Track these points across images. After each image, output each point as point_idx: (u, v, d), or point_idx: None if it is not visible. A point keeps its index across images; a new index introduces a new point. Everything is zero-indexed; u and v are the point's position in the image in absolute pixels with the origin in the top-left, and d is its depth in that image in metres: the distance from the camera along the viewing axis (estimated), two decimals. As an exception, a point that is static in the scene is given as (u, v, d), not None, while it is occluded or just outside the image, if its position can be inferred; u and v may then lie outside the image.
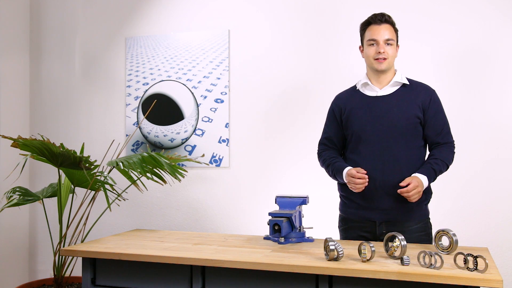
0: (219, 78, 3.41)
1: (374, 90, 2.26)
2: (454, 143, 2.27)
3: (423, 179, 2.13)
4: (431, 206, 2.32)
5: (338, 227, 2.39)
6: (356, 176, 2.14)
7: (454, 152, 2.26)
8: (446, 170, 2.23)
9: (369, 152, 2.21)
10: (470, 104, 2.94)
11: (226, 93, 3.39)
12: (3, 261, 3.60)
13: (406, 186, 2.09)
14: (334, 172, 2.29)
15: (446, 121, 2.26)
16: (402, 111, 2.19)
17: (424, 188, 2.14)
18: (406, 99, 2.21)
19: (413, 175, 2.14)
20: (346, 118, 2.29)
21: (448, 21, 2.97)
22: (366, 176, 2.15)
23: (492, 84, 2.91)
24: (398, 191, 2.10)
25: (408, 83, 2.25)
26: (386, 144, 2.18)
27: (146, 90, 3.57)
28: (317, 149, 2.46)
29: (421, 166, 2.19)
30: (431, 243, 2.23)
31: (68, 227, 2.97)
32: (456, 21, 2.96)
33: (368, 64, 2.27)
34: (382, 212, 2.19)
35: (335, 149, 2.38)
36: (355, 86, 2.36)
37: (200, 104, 3.45)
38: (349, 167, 2.21)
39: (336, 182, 2.38)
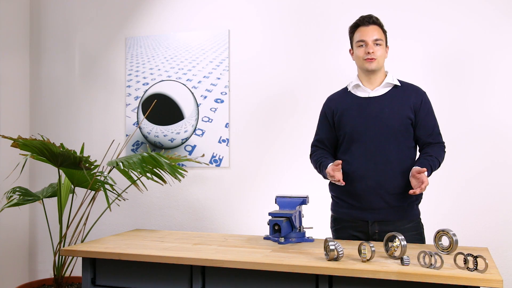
0: (219, 78, 3.41)
1: (366, 91, 2.27)
2: (445, 143, 2.28)
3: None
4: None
5: (331, 227, 2.39)
6: (331, 174, 2.14)
7: (445, 152, 2.26)
8: (438, 168, 2.22)
9: (361, 153, 2.22)
10: (470, 105, 2.94)
11: (226, 93, 3.39)
12: (3, 261, 3.60)
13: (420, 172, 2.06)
14: (322, 171, 2.28)
15: (436, 122, 2.28)
16: (394, 112, 2.20)
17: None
18: (398, 100, 2.22)
19: (416, 167, 2.10)
20: (338, 119, 2.30)
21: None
22: (339, 167, 2.15)
23: (490, 85, 2.91)
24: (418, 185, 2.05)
25: (399, 84, 2.26)
26: (378, 144, 2.19)
27: (146, 90, 3.57)
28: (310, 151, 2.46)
29: (418, 161, 2.18)
30: (423, 242, 2.24)
31: (68, 227, 2.97)
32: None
33: (359, 65, 2.28)
34: (374, 211, 2.20)
35: (326, 151, 2.38)
36: (346, 88, 2.36)
37: (200, 104, 3.45)
38: (330, 165, 2.19)
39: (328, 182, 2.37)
